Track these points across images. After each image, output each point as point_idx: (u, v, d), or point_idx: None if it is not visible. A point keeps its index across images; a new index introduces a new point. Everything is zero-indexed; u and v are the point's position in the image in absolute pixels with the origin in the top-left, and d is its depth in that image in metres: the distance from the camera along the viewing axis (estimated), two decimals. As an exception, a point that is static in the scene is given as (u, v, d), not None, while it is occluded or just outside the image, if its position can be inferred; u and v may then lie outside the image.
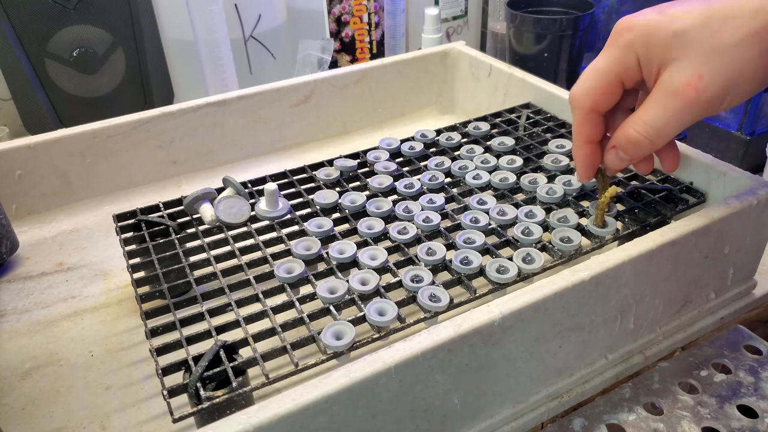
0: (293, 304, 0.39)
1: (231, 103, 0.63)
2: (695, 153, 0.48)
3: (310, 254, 0.42)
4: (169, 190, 0.62)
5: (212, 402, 0.32)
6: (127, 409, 0.40)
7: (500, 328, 0.34)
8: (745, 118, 0.71)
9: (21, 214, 0.58)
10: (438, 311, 0.37)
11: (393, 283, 0.40)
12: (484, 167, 0.52)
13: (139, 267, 0.44)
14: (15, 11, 0.80)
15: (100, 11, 0.84)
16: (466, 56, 0.71)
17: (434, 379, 0.33)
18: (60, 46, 0.83)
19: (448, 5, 1.07)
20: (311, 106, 0.68)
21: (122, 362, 0.43)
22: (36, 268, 0.52)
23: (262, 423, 0.29)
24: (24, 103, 0.88)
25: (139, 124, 0.59)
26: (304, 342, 0.36)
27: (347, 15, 0.92)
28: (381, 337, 0.36)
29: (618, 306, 0.39)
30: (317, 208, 0.48)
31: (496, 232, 0.44)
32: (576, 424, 0.40)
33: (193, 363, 0.34)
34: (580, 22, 0.92)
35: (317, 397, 0.30)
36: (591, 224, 0.43)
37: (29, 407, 0.40)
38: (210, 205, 0.47)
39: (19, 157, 0.56)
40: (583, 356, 0.40)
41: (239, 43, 0.84)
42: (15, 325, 0.47)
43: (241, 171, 0.65)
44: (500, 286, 0.39)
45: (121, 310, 0.48)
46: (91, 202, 0.60)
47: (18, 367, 0.43)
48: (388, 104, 0.73)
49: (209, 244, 0.44)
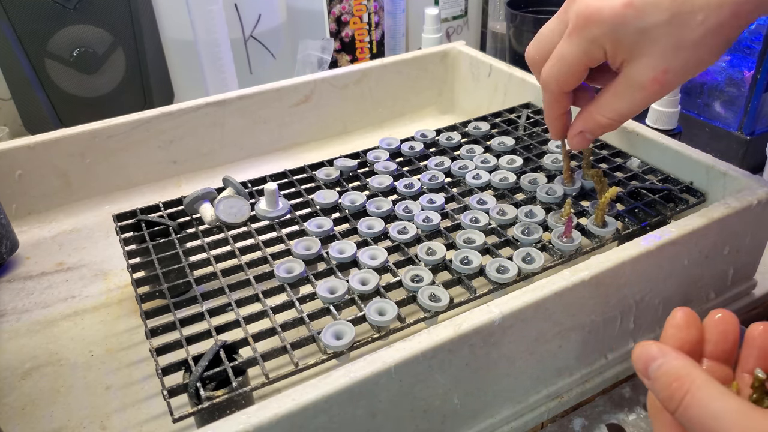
0: (293, 304, 0.39)
1: (231, 103, 0.63)
2: (695, 153, 0.48)
3: (310, 254, 0.42)
4: (169, 190, 0.62)
5: (212, 402, 0.32)
6: (127, 409, 0.40)
7: (500, 328, 0.34)
8: (745, 118, 0.71)
9: (21, 214, 0.58)
10: (438, 311, 0.37)
11: (393, 282, 0.40)
12: (484, 167, 0.52)
13: (139, 267, 0.44)
14: (15, 11, 0.80)
15: (100, 11, 0.84)
16: (466, 56, 0.71)
17: (434, 379, 0.33)
18: (60, 46, 0.83)
19: (448, 5, 1.07)
20: (311, 106, 0.68)
21: (122, 362, 0.43)
22: (36, 268, 0.52)
23: (262, 423, 0.29)
24: (24, 103, 0.88)
25: (139, 124, 0.59)
26: (304, 342, 0.36)
27: (347, 15, 0.92)
28: (381, 337, 0.36)
29: (618, 306, 0.39)
30: (317, 208, 0.48)
31: (496, 231, 0.44)
32: (576, 424, 0.40)
33: (193, 363, 0.34)
34: (580, 22, 0.91)
35: (317, 397, 0.30)
36: (591, 224, 0.43)
37: (29, 407, 0.40)
38: (210, 205, 0.47)
39: (19, 157, 0.56)
40: (583, 356, 0.40)
41: (239, 43, 0.84)
42: (15, 325, 0.47)
43: (241, 171, 0.65)
44: (500, 286, 0.39)
45: (121, 310, 0.48)
46: (91, 202, 0.60)
47: (18, 367, 0.43)
48: (388, 104, 0.73)
49: (209, 244, 0.44)
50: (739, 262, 0.45)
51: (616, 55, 0.36)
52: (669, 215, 0.45)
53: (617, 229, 0.43)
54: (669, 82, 0.35)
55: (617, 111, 0.38)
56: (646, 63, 0.35)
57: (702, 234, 0.40)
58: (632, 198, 0.47)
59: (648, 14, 0.34)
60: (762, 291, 0.48)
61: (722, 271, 0.44)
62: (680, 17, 0.33)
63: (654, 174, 0.50)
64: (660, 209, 0.46)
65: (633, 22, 0.34)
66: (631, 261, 0.37)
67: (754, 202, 0.41)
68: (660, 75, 0.35)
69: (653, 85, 0.35)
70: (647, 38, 0.34)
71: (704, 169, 0.47)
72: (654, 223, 0.44)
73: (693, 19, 0.33)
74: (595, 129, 0.40)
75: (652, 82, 0.35)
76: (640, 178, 0.50)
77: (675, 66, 0.35)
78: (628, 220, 0.45)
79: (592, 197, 0.48)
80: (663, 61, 0.34)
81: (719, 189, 0.46)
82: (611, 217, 0.44)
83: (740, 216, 0.41)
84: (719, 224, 0.40)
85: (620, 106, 0.38)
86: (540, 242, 0.43)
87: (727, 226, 0.41)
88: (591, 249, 0.42)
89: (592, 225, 0.43)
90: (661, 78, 0.35)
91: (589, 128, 0.40)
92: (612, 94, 0.38)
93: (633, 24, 0.34)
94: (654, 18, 0.34)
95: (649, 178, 0.49)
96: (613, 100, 0.38)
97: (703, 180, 0.47)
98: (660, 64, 0.35)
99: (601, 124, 0.39)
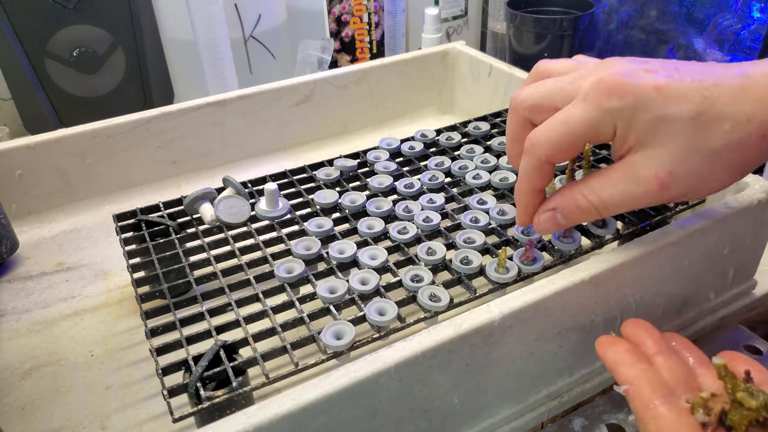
0: (293, 304, 0.39)
1: (231, 103, 0.63)
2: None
3: (310, 254, 0.42)
4: (169, 190, 0.62)
5: (212, 402, 0.32)
6: (127, 409, 0.40)
7: (500, 328, 0.34)
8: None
9: (21, 214, 0.58)
10: (438, 311, 0.37)
11: (393, 282, 0.40)
12: (484, 167, 0.52)
13: (139, 267, 0.44)
14: (15, 11, 0.80)
15: (100, 11, 0.84)
16: (466, 56, 0.71)
17: (434, 379, 0.33)
18: (60, 46, 0.84)
19: (448, 5, 1.07)
20: (311, 106, 0.68)
21: (122, 362, 0.43)
22: (36, 268, 0.52)
23: (262, 423, 0.29)
24: (24, 103, 0.88)
25: (139, 124, 0.59)
26: (304, 342, 0.36)
27: (347, 15, 0.92)
28: (381, 336, 0.36)
29: (618, 306, 0.39)
30: (317, 208, 0.48)
31: (496, 231, 0.44)
32: (576, 423, 0.40)
33: (193, 363, 0.34)
34: (580, 22, 0.92)
35: (317, 397, 0.30)
36: (591, 224, 0.43)
37: (29, 407, 0.40)
38: (210, 205, 0.47)
39: (19, 157, 0.56)
40: (583, 356, 0.40)
41: (239, 43, 0.84)
42: (15, 325, 0.47)
43: (241, 171, 0.65)
44: (500, 285, 0.39)
45: (121, 310, 0.48)
46: (91, 202, 0.60)
47: (18, 367, 0.43)
48: (388, 104, 0.73)
49: (209, 244, 0.44)
50: (739, 262, 0.45)
51: (626, 139, 0.32)
52: (669, 215, 0.45)
53: (617, 229, 0.43)
54: (670, 186, 0.31)
55: (602, 198, 0.33)
56: (655, 156, 0.31)
57: (702, 234, 0.40)
58: (632, 198, 0.47)
59: (674, 103, 0.30)
60: (762, 291, 0.48)
61: (722, 271, 0.44)
62: (706, 119, 0.30)
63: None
64: (660, 209, 0.46)
65: (656, 107, 0.30)
66: (631, 261, 0.37)
67: (754, 202, 0.41)
68: (664, 174, 0.31)
69: (653, 183, 0.31)
70: (665, 130, 0.31)
71: (704, 169, 0.47)
72: (654, 223, 0.44)
73: (718, 126, 0.30)
74: (571, 210, 0.35)
75: (653, 180, 0.31)
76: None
77: (683, 170, 0.31)
78: (628, 220, 0.45)
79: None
80: (672, 160, 0.31)
81: (719, 189, 0.46)
82: (611, 218, 0.44)
83: (740, 216, 0.41)
84: (719, 224, 0.40)
85: (609, 193, 0.33)
86: (540, 242, 0.43)
87: (727, 226, 0.41)
88: (591, 249, 0.42)
89: (592, 225, 0.43)
90: (664, 178, 0.31)
91: (564, 207, 0.35)
92: (605, 177, 0.33)
93: (656, 110, 0.30)
94: (679, 110, 0.30)
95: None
96: (604, 185, 0.33)
97: (703, 180, 0.47)
98: (668, 163, 0.31)
99: (579, 206, 0.34)
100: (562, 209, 0.35)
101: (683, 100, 0.30)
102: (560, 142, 0.33)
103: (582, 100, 0.32)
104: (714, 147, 0.30)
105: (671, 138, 0.31)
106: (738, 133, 0.30)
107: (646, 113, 0.31)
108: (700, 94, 0.30)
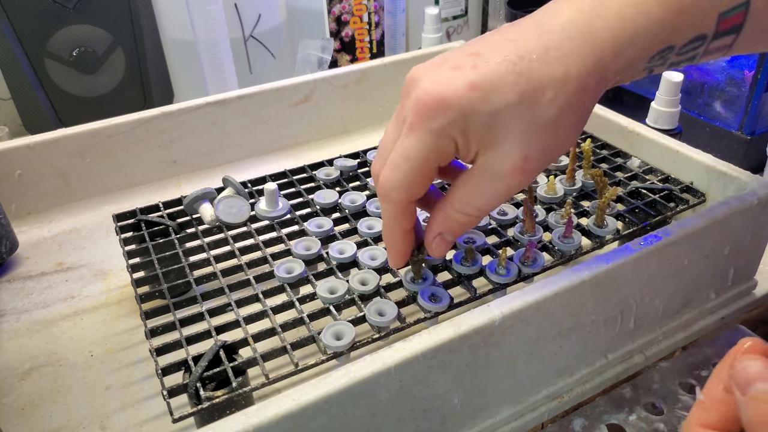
0: (293, 304, 0.39)
1: (231, 103, 0.63)
2: (695, 153, 0.48)
3: (310, 254, 0.42)
4: (169, 189, 0.62)
5: (212, 402, 0.32)
6: (127, 409, 0.40)
7: (500, 328, 0.34)
8: (746, 117, 0.71)
9: (21, 214, 0.58)
10: (438, 311, 0.37)
11: (393, 283, 0.40)
12: (484, 167, 0.51)
13: (138, 267, 0.44)
14: (15, 11, 0.80)
15: (100, 11, 0.84)
16: (466, 56, 0.71)
17: (434, 379, 0.33)
18: (60, 46, 0.83)
19: (448, 5, 1.07)
20: (311, 106, 0.68)
21: (122, 362, 0.43)
22: (36, 268, 0.52)
23: (262, 423, 0.29)
24: (24, 103, 0.88)
25: (139, 124, 0.59)
26: (304, 342, 0.36)
27: (347, 14, 0.92)
28: (381, 337, 0.36)
29: (618, 306, 0.39)
30: (317, 208, 0.48)
31: (496, 232, 0.44)
32: (576, 424, 0.40)
33: (193, 363, 0.34)
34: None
35: (317, 397, 0.30)
36: (591, 224, 0.43)
37: (29, 407, 0.40)
38: (210, 205, 0.47)
39: (18, 157, 0.56)
40: (583, 356, 0.40)
41: (239, 42, 0.84)
42: (15, 325, 0.47)
43: (241, 171, 0.65)
44: (500, 286, 0.39)
45: (121, 310, 0.48)
46: (90, 202, 0.60)
47: (18, 367, 0.43)
48: (388, 104, 0.73)
49: (209, 244, 0.44)
50: (740, 262, 0.45)
51: (468, 146, 0.31)
52: (669, 215, 0.45)
53: (617, 229, 0.43)
54: (531, 169, 0.31)
55: (477, 207, 0.33)
56: (503, 151, 0.31)
57: (702, 234, 0.40)
58: (632, 198, 0.47)
59: (496, 94, 0.30)
60: (762, 291, 0.48)
61: (722, 271, 0.44)
62: (530, 96, 0.30)
63: (654, 174, 0.50)
64: (660, 209, 0.46)
65: (481, 106, 0.30)
66: (631, 261, 0.37)
67: (754, 202, 0.41)
68: (520, 162, 0.31)
69: (514, 175, 0.31)
70: (500, 123, 0.30)
71: (704, 169, 0.47)
72: (654, 223, 0.44)
73: (543, 96, 0.30)
74: (455, 228, 0.35)
75: (513, 172, 0.31)
76: (640, 178, 0.50)
77: (535, 151, 0.31)
78: (629, 220, 0.45)
79: (592, 197, 0.48)
80: (522, 147, 0.31)
81: (719, 189, 0.46)
82: (611, 217, 0.44)
83: (740, 216, 0.41)
84: (719, 224, 0.40)
85: (480, 201, 0.33)
86: (540, 242, 0.42)
87: (728, 226, 0.41)
88: (591, 249, 0.42)
89: (592, 225, 0.43)
90: (522, 166, 0.31)
91: (448, 228, 0.35)
92: (470, 187, 0.33)
93: (481, 109, 0.30)
94: (502, 99, 0.30)
95: (649, 178, 0.49)
96: (472, 195, 0.33)
97: (704, 180, 0.47)
98: (518, 151, 0.31)
99: (461, 223, 0.34)
100: (448, 231, 0.35)
101: (501, 88, 0.30)
102: (411, 180, 0.32)
103: (410, 129, 0.31)
104: (548, 116, 0.30)
105: (509, 127, 0.30)
106: (562, 95, 0.30)
107: (475, 117, 0.30)
108: (513, 73, 0.30)
